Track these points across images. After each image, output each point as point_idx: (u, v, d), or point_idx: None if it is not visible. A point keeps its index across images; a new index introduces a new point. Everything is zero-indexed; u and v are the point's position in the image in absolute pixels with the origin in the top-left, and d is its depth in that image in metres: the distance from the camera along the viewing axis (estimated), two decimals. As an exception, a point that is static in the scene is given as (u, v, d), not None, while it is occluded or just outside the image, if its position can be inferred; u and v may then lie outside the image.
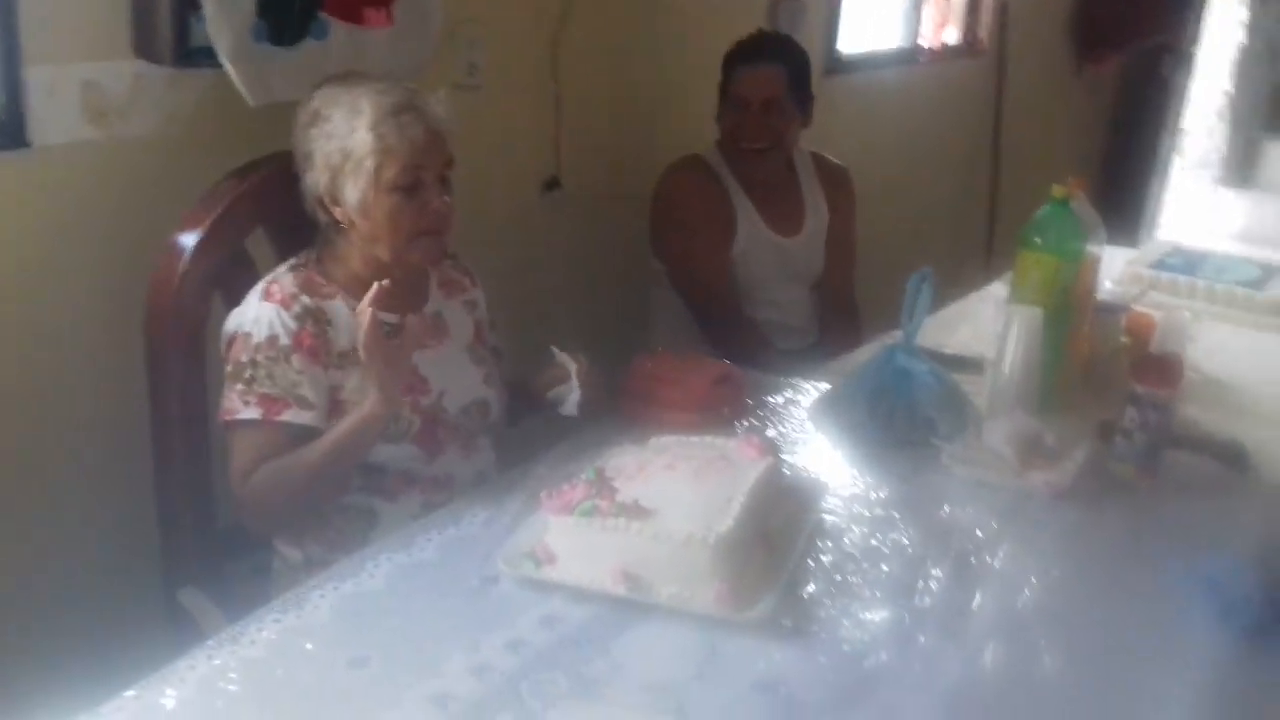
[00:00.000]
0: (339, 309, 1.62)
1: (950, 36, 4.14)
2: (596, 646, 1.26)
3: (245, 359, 1.57)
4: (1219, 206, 3.17)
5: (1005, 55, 4.30)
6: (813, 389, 1.95)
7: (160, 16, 1.74)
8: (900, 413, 1.77)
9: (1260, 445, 1.79)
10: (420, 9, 2.02)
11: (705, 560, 1.31)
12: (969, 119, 4.31)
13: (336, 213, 1.62)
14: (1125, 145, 4.88)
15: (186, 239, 1.63)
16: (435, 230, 1.64)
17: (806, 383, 1.98)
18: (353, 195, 1.59)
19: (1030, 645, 1.33)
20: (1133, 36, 4.95)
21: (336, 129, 1.58)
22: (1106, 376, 1.97)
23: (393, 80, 1.65)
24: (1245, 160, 3.23)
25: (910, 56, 3.96)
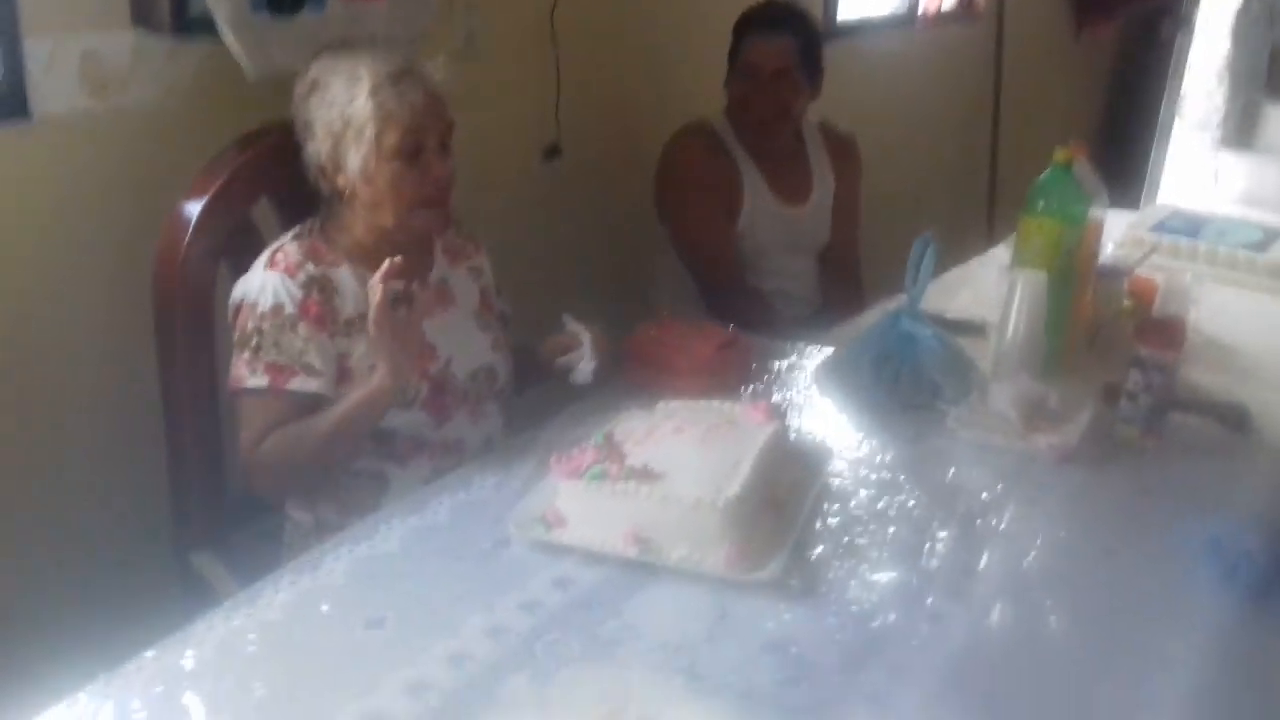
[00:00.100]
0: (344, 276, 1.62)
1: (948, 2, 4.12)
2: (608, 608, 1.27)
3: (251, 327, 1.58)
4: (1219, 169, 3.17)
5: (1003, 19, 4.28)
6: (817, 354, 1.95)
7: (160, -15, 1.73)
8: (905, 377, 1.77)
9: (1262, 407, 1.79)
10: (419, -24, 2.01)
11: (715, 523, 1.33)
12: (968, 83, 4.30)
13: (339, 181, 1.62)
14: (1124, 108, 4.87)
15: (191, 208, 1.63)
16: (438, 197, 1.64)
17: (810, 347, 1.98)
18: (354, 163, 1.59)
19: (1036, 606, 1.34)
20: (1131, -1, 4.94)
21: (336, 97, 1.58)
22: (1109, 340, 1.98)
23: (390, 48, 1.64)
24: (1245, 122, 3.22)
25: (908, 21, 3.94)
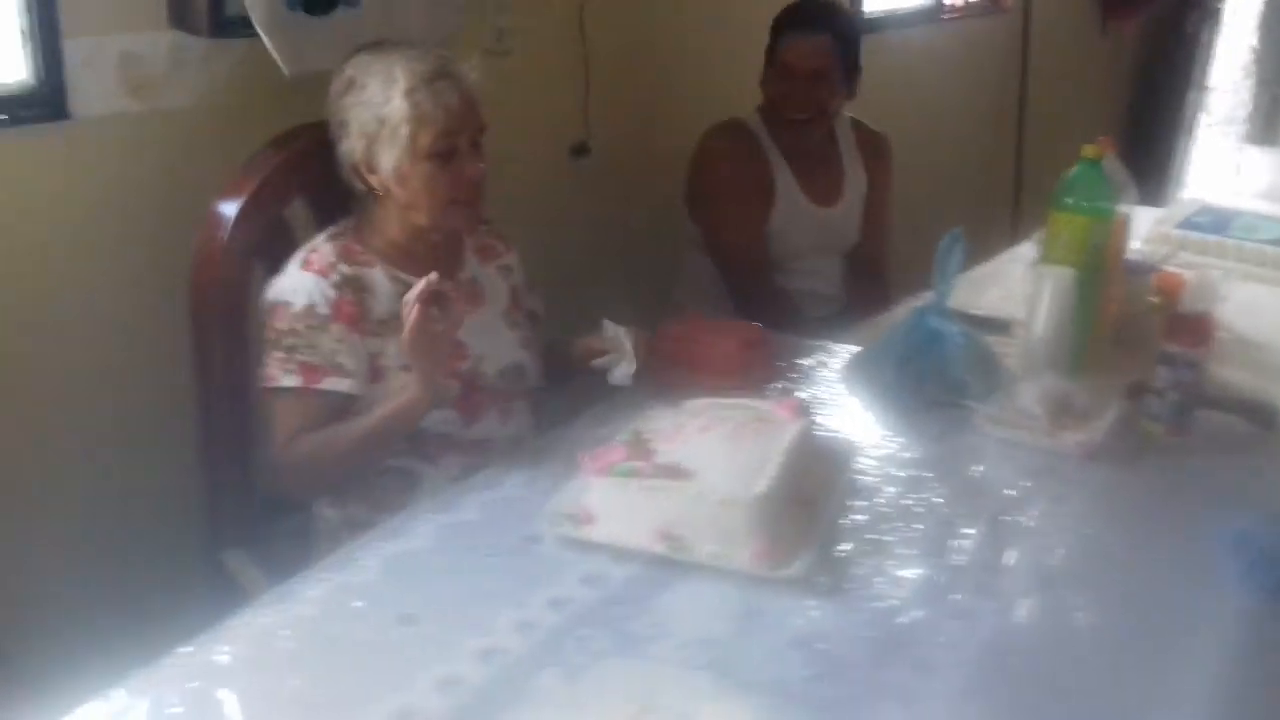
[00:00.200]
0: (377, 276, 1.65)
1: (975, -6, 4.11)
2: (638, 604, 1.29)
3: (285, 327, 1.60)
4: (1245, 164, 3.15)
5: (1030, 12, 4.26)
6: (843, 351, 1.95)
7: (196, -13, 1.76)
8: (932, 374, 1.78)
9: (1290, 404, 1.80)
10: (449, -26, 2.03)
11: (743, 520, 1.34)
12: (994, 77, 4.27)
13: (372, 180, 1.64)
14: (1150, 102, 4.83)
15: (228, 208, 1.65)
16: (470, 197, 1.66)
17: (837, 345, 1.99)
18: (388, 163, 1.61)
19: (1062, 602, 1.34)
20: (1158, -8, 4.90)
21: (372, 97, 1.60)
22: (1136, 337, 1.97)
23: (425, 48, 1.66)
24: (1271, 117, 3.21)
25: (935, 15, 3.93)
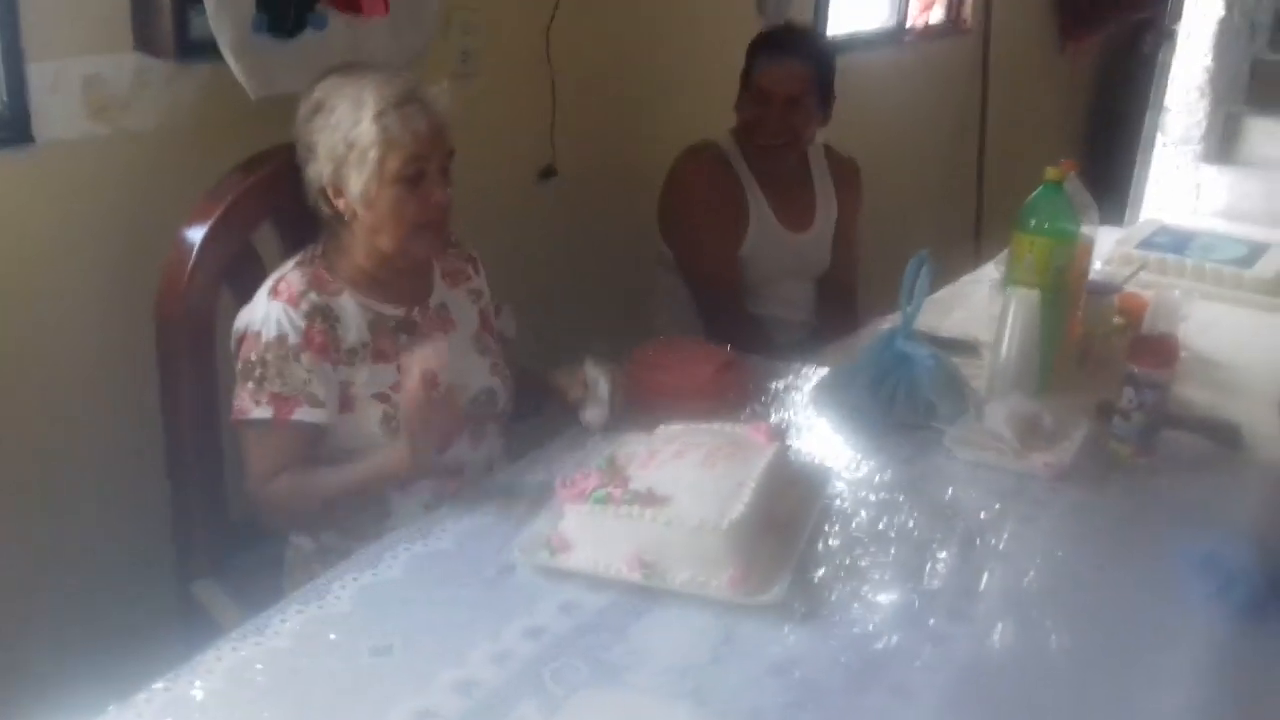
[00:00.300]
0: (347, 305, 1.63)
1: (936, 16, 4.15)
2: (614, 632, 1.28)
3: (255, 358, 1.58)
4: (1202, 183, 3.20)
5: (989, 34, 4.32)
6: (813, 374, 1.96)
7: (161, 9, 1.74)
8: (901, 396, 1.79)
9: (1252, 423, 1.82)
10: (416, -3, 2.02)
11: (718, 546, 1.34)
12: (955, 98, 4.33)
13: (339, 204, 1.62)
14: (1107, 122, 4.91)
15: (194, 233, 1.64)
16: (436, 222, 1.65)
17: (806, 367, 1.99)
18: (356, 186, 1.59)
19: (1036, 625, 1.36)
20: (1114, 12, 4.98)
21: (340, 120, 1.59)
22: (1102, 357, 2.00)
23: (394, 70, 1.65)
24: (1227, 136, 3.25)
25: (897, 36, 3.97)
